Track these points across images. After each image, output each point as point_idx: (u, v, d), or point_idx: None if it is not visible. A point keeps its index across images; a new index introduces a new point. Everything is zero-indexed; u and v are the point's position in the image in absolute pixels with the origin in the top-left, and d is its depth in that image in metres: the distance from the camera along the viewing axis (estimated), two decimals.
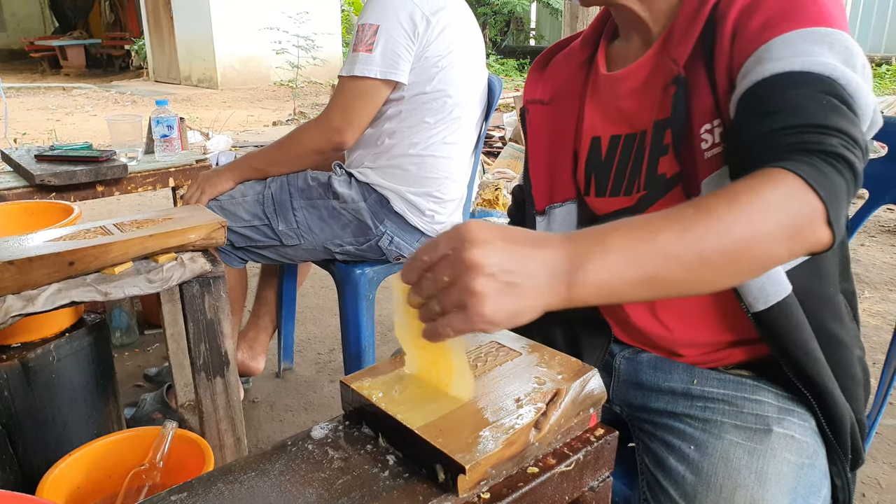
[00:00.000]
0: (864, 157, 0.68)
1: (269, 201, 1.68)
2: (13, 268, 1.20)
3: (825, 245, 0.64)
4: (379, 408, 0.67)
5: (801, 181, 0.63)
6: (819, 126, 0.68)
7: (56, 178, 1.77)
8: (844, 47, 0.73)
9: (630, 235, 0.60)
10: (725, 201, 0.62)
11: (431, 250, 0.59)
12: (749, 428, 0.83)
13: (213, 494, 0.62)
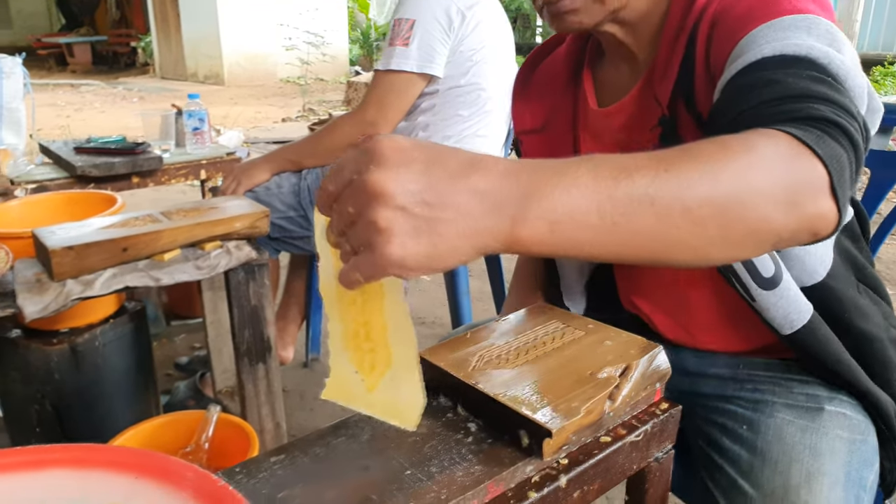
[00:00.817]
0: (861, 131, 0.59)
1: (304, 192, 1.71)
2: (72, 253, 1.24)
3: (829, 222, 0.55)
4: (459, 378, 0.71)
5: (797, 142, 0.54)
6: (802, 96, 0.60)
7: (96, 169, 1.81)
8: (825, 31, 0.67)
9: (598, 170, 0.49)
10: (717, 146, 0.53)
11: (337, 174, 0.48)
12: (800, 407, 0.86)
13: (310, 457, 0.66)
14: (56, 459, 0.60)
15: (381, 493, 0.60)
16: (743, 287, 0.83)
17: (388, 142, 0.46)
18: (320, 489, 0.61)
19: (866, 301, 0.90)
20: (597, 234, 0.48)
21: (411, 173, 0.45)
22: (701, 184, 0.50)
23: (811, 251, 0.84)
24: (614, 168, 0.49)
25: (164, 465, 0.59)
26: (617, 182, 0.48)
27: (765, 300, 0.82)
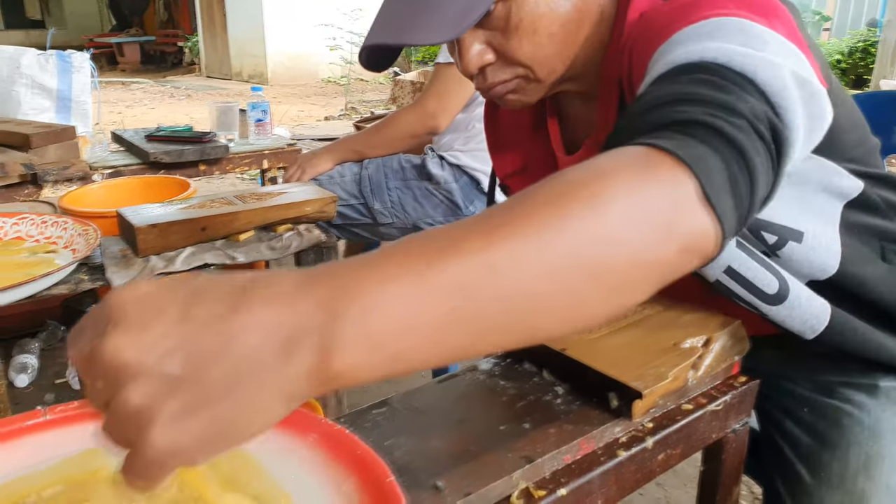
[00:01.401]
0: (752, 126, 0.49)
1: (365, 182, 1.77)
2: (156, 231, 1.31)
3: (708, 238, 0.45)
4: (546, 345, 0.74)
5: (654, 152, 0.46)
6: (669, 101, 0.52)
7: (167, 155, 1.89)
8: (736, 30, 0.57)
9: (413, 253, 0.38)
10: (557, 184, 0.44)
11: (77, 338, 0.36)
12: (857, 384, 0.86)
13: (410, 410, 0.70)
14: None
15: (480, 444, 0.64)
16: (750, 306, 0.77)
17: (129, 292, 0.35)
18: (422, 439, 0.65)
19: (888, 276, 0.82)
20: (433, 334, 0.37)
21: (162, 327, 0.34)
22: (542, 242, 0.40)
23: (814, 247, 0.77)
24: (436, 247, 0.39)
25: None
26: (442, 262, 0.38)
27: (777, 314, 0.77)
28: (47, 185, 1.78)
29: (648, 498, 1.58)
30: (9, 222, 1.42)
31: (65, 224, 1.39)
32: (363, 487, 0.54)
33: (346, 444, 0.58)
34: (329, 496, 0.55)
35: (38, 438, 0.61)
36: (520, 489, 0.61)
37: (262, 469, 0.59)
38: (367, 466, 0.55)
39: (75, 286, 1.26)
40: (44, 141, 1.75)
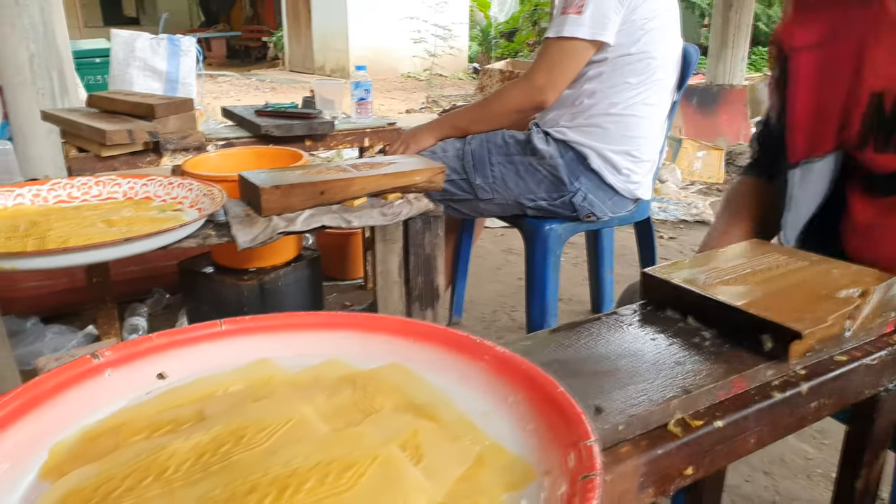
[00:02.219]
0: None
1: (468, 157, 1.79)
2: (278, 192, 1.36)
3: None
4: (693, 290, 0.74)
5: None
6: None
7: (278, 129, 1.96)
8: None
9: None
10: None
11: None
12: None
13: (557, 345, 0.71)
14: (345, 323, 0.69)
15: (634, 376, 0.64)
16: None
17: None
18: (575, 370, 0.66)
19: None
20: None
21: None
22: None
23: None
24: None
25: (436, 330, 0.65)
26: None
27: None
28: (167, 153, 1.88)
29: (756, 486, 1.55)
30: (138, 183, 1.50)
31: (190, 185, 1.47)
32: (532, 398, 0.55)
33: (510, 363, 0.59)
34: (494, 407, 0.57)
35: (214, 346, 0.65)
36: (676, 418, 0.61)
37: (426, 382, 0.61)
38: (535, 381, 0.56)
39: (203, 241, 1.33)
40: (166, 111, 1.85)
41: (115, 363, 0.60)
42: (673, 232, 3.28)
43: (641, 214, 1.90)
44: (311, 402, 0.56)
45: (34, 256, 1.11)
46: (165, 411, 0.56)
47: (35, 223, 1.30)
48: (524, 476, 0.49)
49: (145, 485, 0.47)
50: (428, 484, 0.47)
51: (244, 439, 0.51)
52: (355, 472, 0.47)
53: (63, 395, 0.55)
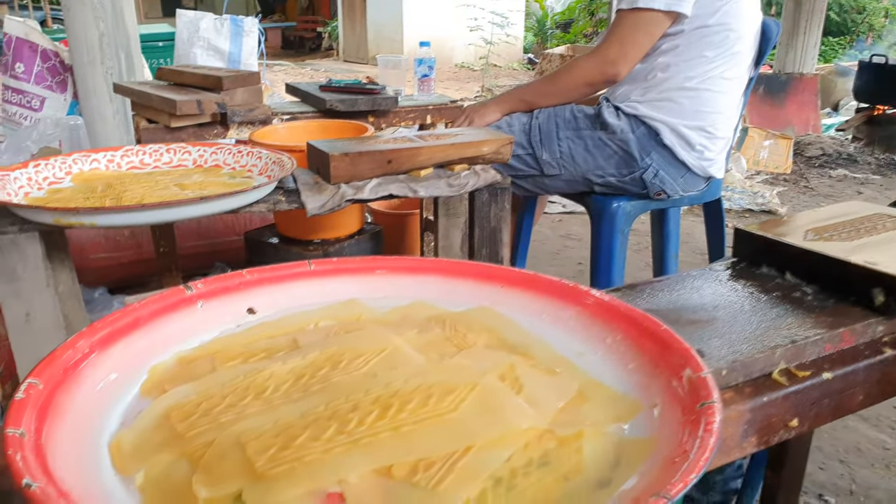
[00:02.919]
0: None
1: (535, 131, 1.76)
2: (347, 159, 1.36)
3: None
4: (795, 245, 0.71)
5: None
6: None
7: (342, 104, 1.97)
8: None
9: None
10: None
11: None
12: None
13: (646, 295, 0.69)
14: (430, 268, 0.67)
15: (735, 325, 0.62)
16: None
17: None
18: (675, 317, 0.64)
19: None
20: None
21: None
22: None
23: None
24: None
25: (525, 276, 0.64)
26: None
27: None
28: (234, 125, 1.90)
29: (831, 474, 1.49)
30: (208, 151, 1.52)
31: (259, 154, 1.48)
32: (633, 338, 0.53)
33: (608, 306, 0.57)
34: (591, 348, 0.55)
35: (303, 285, 0.65)
36: (781, 368, 0.58)
37: (517, 324, 0.59)
38: (636, 321, 0.54)
39: (273, 206, 1.34)
40: (233, 84, 1.87)
41: (207, 296, 0.60)
42: (737, 220, 3.18)
43: (713, 194, 1.84)
44: (402, 335, 0.56)
45: (112, 213, 1.13)
46: (259, 341, 0.56)
47: (110, 185, 1.33)
48: (631, 409, 0.47)
49: (245, 402, 0.46)
50: (531, 411, 0.45)
51: (341, 364, 0.50)
52: (456, 396, 0.46)
53: (158, 321, 0.56)
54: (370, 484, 0.39)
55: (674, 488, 0.34)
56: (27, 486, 0.33)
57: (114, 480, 0.40)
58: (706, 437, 0.38)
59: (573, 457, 0.42)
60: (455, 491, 0.38)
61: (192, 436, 0.43)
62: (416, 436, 0.42)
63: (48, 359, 0.46)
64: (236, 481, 0.39)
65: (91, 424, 0.44)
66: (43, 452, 0.38)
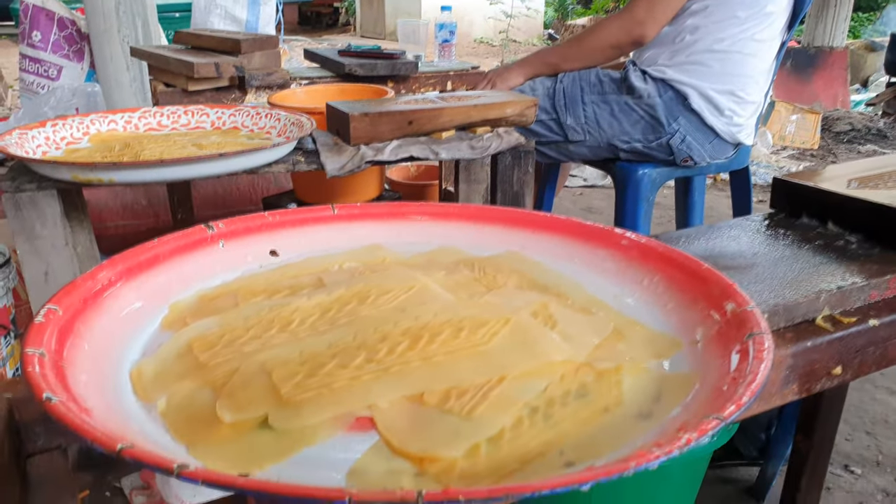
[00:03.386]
0: None
1: (559, 95, 1.72)
2: (367, 120, 1.34)
3: None
4: (836, 192, 0.68)
5: None
6: None
7: (361, 68, 1.94)
8: None
9: None
10: None
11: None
12: None
13: (683, 241, 0.66)
14: (456, 213, 0.65)
15: (776, 270, 0.59)
16: None
17: None
18: (713, 262, 0.61)
19: None
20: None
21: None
22: None
23: None
24: None
25: (556, 220, 0.61)
26: None
27: None
28: (252, 89, 1.88)
29: (857, 445, 1.46)
30: (226, 113, 1.51)
31: (278, 115, 1.46)
32: (672, 278, 0.51)
33: (645, 248, 0.55)
34: (627, 290, 0.53)
35: (326, 229, 0.63)
36: (825, 314, 0.55)
37: (547, 267, 0.57)
38: (675, 261, 0.52)
39: (292, 166, 1.32)
40: (251, 47, 1.85)
41: (229, 236, 0.58)
42: (762, 195, 3.13)
43: (741, 162, 1.80)
44: (430, 276, 0.54)
45: (130, 168, 1.11)
46: (282, 280, 0.55)
47: (128, 145, 1.32)
48: (670, 346, 0.45)
49: (270, 334, 0.45)
50: (566, 345, 0.43)
51: (369, 299, 0.48)
52: (489, 330, 0.44)
53: (178, 259, 0.54)
54: (401, 409, 0.37)
55: (726, 409, 0.32)
56: (48, 400, 0.32)
57: (135, 405, 0.39)
58: (757, 363, 0.36)
59: (612, 390, 0.40)
60: (490, 418, 0.36)
61: (215, 365, 0.41)
62: (447, 365, 0.40)
63: (68, 287, 0.44)
64: (261, 407, 0.37)
65: (112, 352, 0.43)
66: (63, 372, 0.36)
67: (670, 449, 0.29)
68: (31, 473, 0.45)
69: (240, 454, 0.34)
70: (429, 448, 0.34)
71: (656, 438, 0.33)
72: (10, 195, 1.16)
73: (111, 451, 0.28)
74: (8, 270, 1.40)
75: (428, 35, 2.29)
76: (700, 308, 0.46)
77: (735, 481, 1.33)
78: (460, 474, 0.33)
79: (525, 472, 0.33)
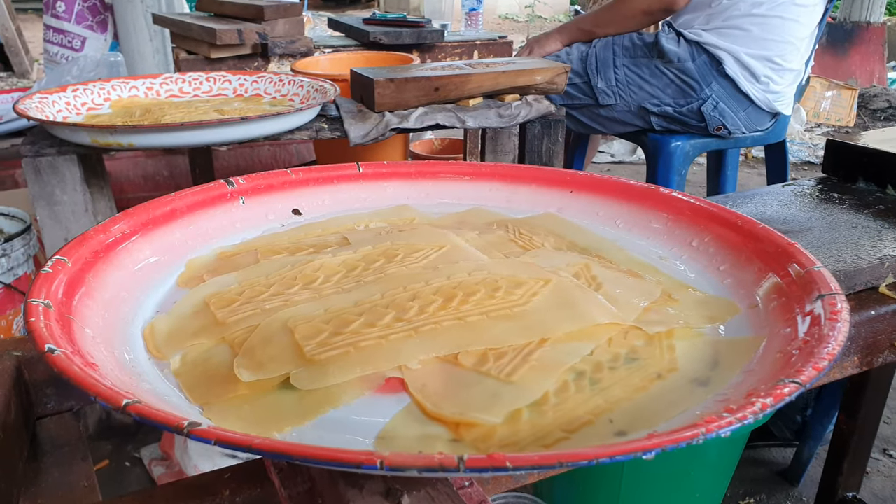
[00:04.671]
0: None
1: (591, 59, 1.67)
2: (392, 85, 1.30)
3: None
4: None
5: None
6: None
7: (386, 37, 1.90)
8: None
9: None
10: None
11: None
12: None
13: (730, 205, 0.62)
14: (488, 173, 0.62)
15: (835, 235, 0.55)
16: None
17: None
18: None
19: None
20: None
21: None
22: None
23: None
24: None
25: (596, 179, 0.57)
26: None
27: None
28: (275, 57, 1.85)
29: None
30: (248, 80, 1.48)
31: (301, 83, 1.42)
32: (725, 238, 0.47)
33: (694, 207, 0.51)
34: (675, 252, 0.49)
35: (351, 188, 0.60)
36: (889, 281, 0.51)
37: (587, 230, 0.54)
38: (729, 220, 0.48)
39: (315, 133, 1.28)
40: (275, 14, 1.81)
41: (250, 192, 0.55)
42: (796, 173, 3.03)
43: (777, 135, 1.73)
44: (462, 236, 0.50)
45: (150, 132, 1.09)
46: (306, 238, 0.52)
47: (149, 110, 1.29)
48: (725, 309, 0.41)
49: (293, 291, 0.42)
50: (612, 308, 0.40)
51: (397, 258, 0.45)
52: (528, 290, 0.40)
53: (197, 214, 0.51)
54: (434, 370, 0.34)
55: (804, 373, 0.28)
56: (50, 352, 0.29)
57: (147, 364, 0.36)
58: (832, 324, 0.32)
59: (665, 354, 0.36)
60: (532, 382, 0.33)
61: (233, 321, 0.39)
62: (484, 325, 0.37)
63: (79, 239, 0.42)
64: (282, 365, 0.34)
65: (124, 307, 0.40)
66: (70, 325, 0.34)
67: (743, 415, 0.26)
68: (42, 436, 0.43)
69: (258, 416, 0.31)
70: (465, 412, 0.31)
71: (720, 408, 0.30)
72: (31, 160, 1.14)
73: (116, 407, 0.25)
74: (29, 237, 1.39)
75: (454, 8, 2.23)
76: (758, 269, 0.43)
77: (768, 463, 1.29)
78: (500, 442, 0.29)
79: (572, 441, 0.30)
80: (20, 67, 4.99)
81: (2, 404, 0.39)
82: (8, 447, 0.38)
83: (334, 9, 13.70)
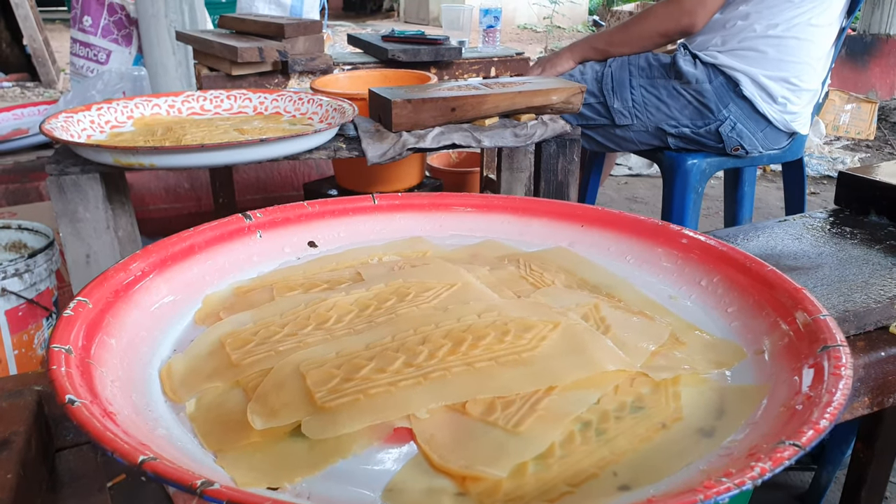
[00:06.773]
0: None
1: (607, 79, 1.67)
2: (410, 106, 1.31)
3: None
4: None
5: None
6: None
7: (404, 54, 1.91)
8: None
9: None
10: None
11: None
12: None
13: (742, 239, 0.62)
14: (501, 206, 0.62)
15: (844, 274, 0.55)
16: None
17: None
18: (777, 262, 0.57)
19: None
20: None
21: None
22: None
23: None
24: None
25: (608, 214, 0.58)
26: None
27: None
28: (295, 75, 1.87)
29: None
30: (269, 98, 1.50)
31: (320, 101, 1.44)
32: (734, 279, 0.47)
33: (703, 246, 0.51)
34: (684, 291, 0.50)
35: (366, 220, 0.61)
36: None
37: (598, 265, 0.54)
38: (737, 262, 0.48)
39: (334, 153, 1.30)
40: (295, 32, 1.84)
41: (266, 226, 0.57)
42: (815, 187, 3.01)
43: (795, 153, 1.72)
44: (473, 272, 0.51)
45: (171, 153, 1.11)
46: (320, 273, 0.53)
47: (170, 129, 1.32)
48: (733, 354, 0.41)
49: (306, 332, 0.43)
50: (620, 353, 0.40)
51: (409, 297, 0.46)
52: (536, 334, 0.41)
53: (214, 249, 0.52)
54: (441, 420, 0.34)
55: (804, 435, 0.28)
56: (70, 403, 0.30)
57: (164, 406, 0.37)
58: (834, 381, 0.33)
59: (671, 403, 0.37)
60: (538, 432, 0.34)
61: (247, 364, 0.40)
62: (492, 372, 0.38)
63: (99, 279, 0.43)
64: (294, 412, 0.35)
65: (142, 348, 0.41)
66: (90, 371, 0.35)
67: (741, 481, 0.26)
68: (60, 468, 0.44)
69: (270, 464, 0.32)
70: (472, 465, 0.31)
71: (723, 463, 0.30)
72: (55, 178, 1.17)
73: (132, 465, 0.26)
74: (51, 252, 1.42)
75: (472, 21, 2.25)
76: (765, 314, 0.43)
77: (787, 487, 1.28)
78: (505, 496, 0.30)
79: (576, 496, 0.30)
80: (47, 77, 5.08)
81: (23, 441, 0.40)
82: (28, 482, 0.39)
83: (355, 18, 13.81)
